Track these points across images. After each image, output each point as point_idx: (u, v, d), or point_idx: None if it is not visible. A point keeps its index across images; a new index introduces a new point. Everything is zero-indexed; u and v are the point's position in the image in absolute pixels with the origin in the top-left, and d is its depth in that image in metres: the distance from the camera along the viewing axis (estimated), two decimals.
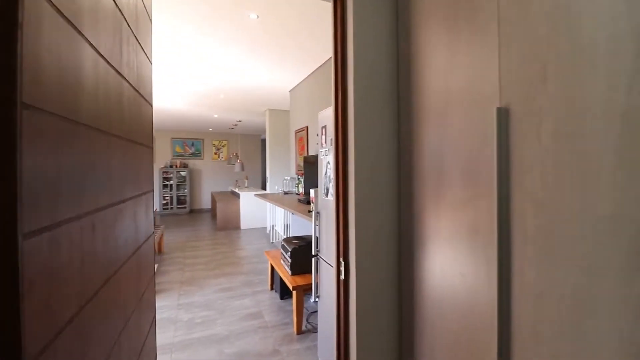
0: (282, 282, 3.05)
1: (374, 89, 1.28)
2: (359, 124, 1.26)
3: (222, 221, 7.00)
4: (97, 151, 0.64)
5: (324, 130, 1.90)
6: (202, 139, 10.26)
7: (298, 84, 4.42)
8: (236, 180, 9.06)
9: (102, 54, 0.65)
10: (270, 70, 3.89)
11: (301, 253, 2.59)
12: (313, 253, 2.01)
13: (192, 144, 10.12)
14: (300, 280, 2.47)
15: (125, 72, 0.85)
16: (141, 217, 0.98)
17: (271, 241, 5.43)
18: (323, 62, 3.66)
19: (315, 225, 2.02)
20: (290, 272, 2.58)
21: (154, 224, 4.98)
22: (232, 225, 7.04)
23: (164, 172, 9.44)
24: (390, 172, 1.31)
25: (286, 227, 5.12)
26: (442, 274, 1.10)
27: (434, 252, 1.14)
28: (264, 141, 11.37)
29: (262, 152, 11.37)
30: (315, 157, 3.20)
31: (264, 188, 9.42)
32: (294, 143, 4.50)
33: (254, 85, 4.56)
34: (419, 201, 1.21)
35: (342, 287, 1.35)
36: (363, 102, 1.27)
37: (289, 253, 2.61)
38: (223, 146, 10.53)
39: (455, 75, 1.03)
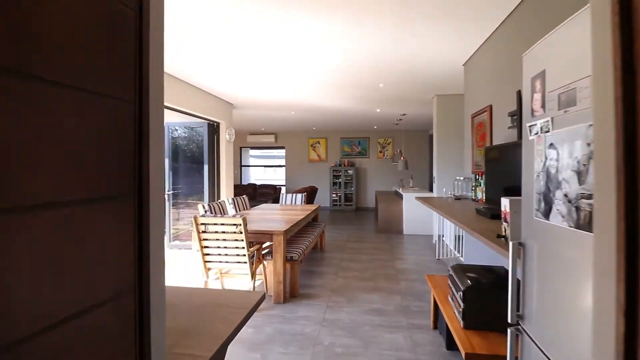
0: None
1: None
2: None
3: (383, 223, 6.52)
4: None
5: (538, 82, 0.98)
6: (368, 138, 10.17)
7: (474, 54, 3.32)
8: (400, 180, 8.41)
9: None
10: (435, 41, 3.02)
11: (482, 297, 1.67)
12: (510, 319, 1.10)
13: (359, 143, 10.19)
14: (479, 344, 1.55)
15: None
16: (97, 246, 0.49)
17: (437, 257, 4.46)
18: (506, 15, 2.47)
19: (512, 263, 1.11)
20: (462, 324, 1.70)
21: (317, 219, 5.00)
22: (393, 228, 6.45)
23: (334, 170, 9.92)
24: None
25: (458, 239, 4.05)
26: None
27: None
28: (431, 137, 10.18)
29: (429, 149, 10.20)
30: (505, 146, 2.12)
31: (430, 189, 8.33)
32: (470, 132, 3.41)
33: (417, 66, 3.76)
34: None
35: None
36: None
37: (460, 293, 1.73)
38: (388, 144, 10.09)
39: None
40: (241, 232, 2.77)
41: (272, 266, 3.08)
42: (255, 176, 11.32)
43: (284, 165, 10.74)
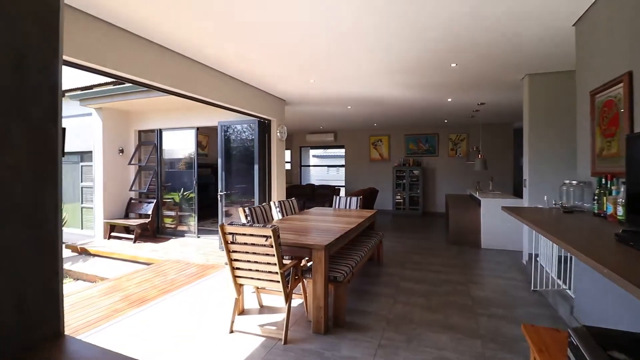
0: None
1: None
2: None
3: (455, 233, 5.52)
4: None
5: None
6: (437, 134, 9.04)
7: (594, 4, 2.32)
8: (477, 182, 7.18)
9: None
10: None
11: None
12: None
13: (426, 140, 9.13)
14: None
15: None
16: None
17: (533, 287, 3.40)
18: None
19: None
20: None
21: (374, 227, 4.33)
22: (468, 240, 5.41)
23: (397, 170, 9.05)
24: None
25: (562, 262, 3.00)
26: None
27: None
28: (517, 131, 8.61)
29: (514, 145, 8.66)
30: None
31: (516, 194, 6.93)
32: (590, 116, 2.41)
33: (502, 35, 2.86)
34: None
35: None
36: None
37: None
38: (461, 140, 8.82)
39: None
40: (272, 246, 2.30)
41: (312, 286, 2.54)
42: (319, 176, 10.97)
43: (343, 165, 10.19)
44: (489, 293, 3.29)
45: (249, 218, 3.41)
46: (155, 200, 6.47)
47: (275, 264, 2.35)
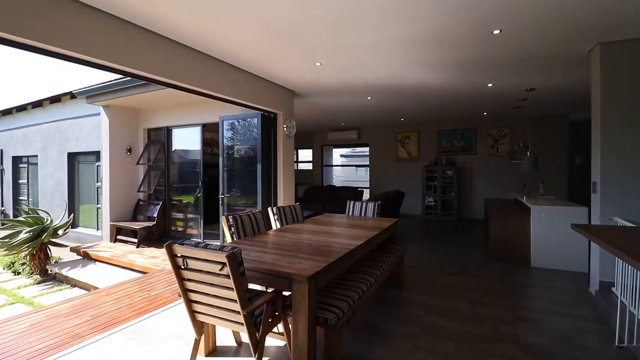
0: None
1: None
2: None
3: (497, 246, 4.55)
4: None
5: None
6: (475, 129, 7.94)
7: None
8: (523, 185, 6.08)
9: None
10: None
11: None
12: None
13: (462, 136, 8.07)
14: None
15: None
16: None
17: (618, 341, 2.44)
18: None
19: None
20: None
21: (394, 239, 3.35)
22: (514, 255, 4.42)
23: (428, 170, 8.08)
24: None
25: None
26: None
27: None
28: (574, 124, 7.31)
29: (571, 140, 7.37)
30: None
31: (572, 199, 5.74)
32: None
33: None
34: None
35: None
36: None
37: None
38: (503, 136, 7.66)
39: None
40: (229, 276, 1.63)
41: (293, 331, 1.84)
42: (346, 177, 10.19)
43: (367, 165, 9.37)
44: (547, 340, 2.39)
45: (233, 230, 2.78)
46: (161, 202, 6.10)
47: (235, 301, 1.68)
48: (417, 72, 3.95)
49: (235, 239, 2.76)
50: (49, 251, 5.51)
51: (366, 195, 9.31)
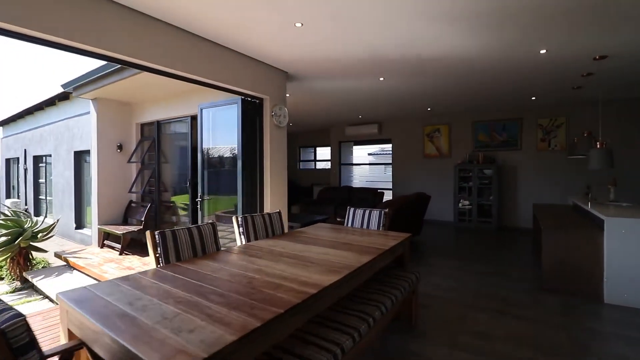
0: None
1: None
2: None
3: (553, 271, 3.35)
4: None
5: None
6: (520, 119, 6.57)
7: None
8: (587, 187, 4.73)
9: None
10: None
11: None
12: None
13: (504, 128, 6.73)
14: None
15: None
16: None
17: None
18: None
19: None
20: None
21: (405, 261, 1.70)
22: (578, 285, 3.21)
23: (461, 169, 6.84)
24: None
25: None
26: None
27: None
28: None
29: None
30: None
31: None
32: None
33: None
34: None
35: None
36: None
37: None
38: (557, 127, 6.24)
39: None
40: None
41: None
42: (372, 177, 9.07)
43: (390, 163, 8.27)
44: None
45: (159, 252, 1.96)
46: (149, 204, 5.50)
47: None
48: (439, 34, 2.89)
49: (161, 264, 1.93)
50: (30, 256, 5.09)
51: (388, 196, 8.22)
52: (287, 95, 5.23)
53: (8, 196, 12.85)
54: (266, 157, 3.78)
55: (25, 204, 11.05)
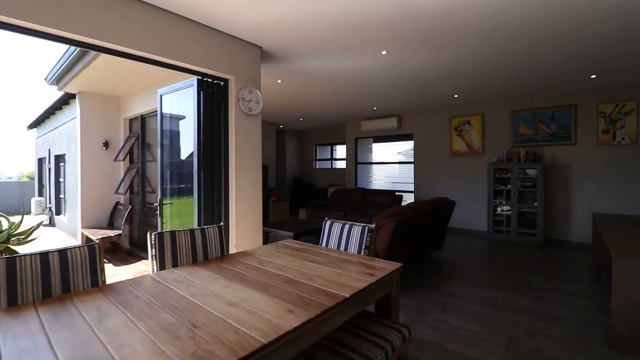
0: None
1: None
2: None
3: (628, 317, 2.24)
4: None
5: None
6: (574, 105, 5.25)
7: None
8: None
9: None
10: None
11: None
12: None
13: (552, 117, 5.44)
14: None
15: None
16: None
17: None
18: None
19: None
20: None
21: (390, 312, 1.65)
22: None
23: (497, 168, 5.66)
24: None
25: None
26: None
27: None
28: None
29: None
30: None
31: None
32: None
33: None
34: None
35: None
36: None
37: None
38: (626, 114, 4.86)
39: None
40: None
41: None
42: (398, 177, 7.98)
43: (411, 162, 7.20)
44: None
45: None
46: (131, 206, 4.98)
47: None
48: None
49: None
50: None
51: (409, 199, 7.16)
52: (279, 81, 4.46)
53: (40, 195, 13.40)
54: (231, 153, 3.02)
55: (49, 202, 11.35)
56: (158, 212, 3.34)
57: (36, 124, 13.15)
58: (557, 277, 3.69)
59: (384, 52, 3.36)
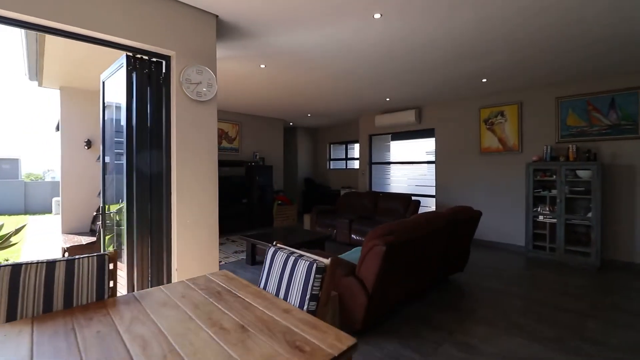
0: None
1: None
2: None
3: None
4: None
5: None
6: None
7: None
8: None
9: None
10: None
11: None
12: None
13: (611, 104, 4.28)
14: None
15: None
16: None
17: None
18: None
19: None
20: None
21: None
22: None
23: (537, 170, 4.59)
24: None
25: None
26: None
27: None
28: None
29: None
30: None
31: None
32: None
33: None
34: None
35: None
36: None
37: None
38: None
39: None
40: None
41: None
42: (421, 179, 7.00)
43: (432, 162, 6.22)
44: None
45: None
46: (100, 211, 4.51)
47: None
48: None
49: None
50: None
51: (430, 205, 6.20)
52: (262, 66, 3.76)
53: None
54: (173, 148, 2.35)
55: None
56: (101, 222, 2.76)
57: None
58: (624, 323, 2.66)
59: (377, 16, 2.53)
